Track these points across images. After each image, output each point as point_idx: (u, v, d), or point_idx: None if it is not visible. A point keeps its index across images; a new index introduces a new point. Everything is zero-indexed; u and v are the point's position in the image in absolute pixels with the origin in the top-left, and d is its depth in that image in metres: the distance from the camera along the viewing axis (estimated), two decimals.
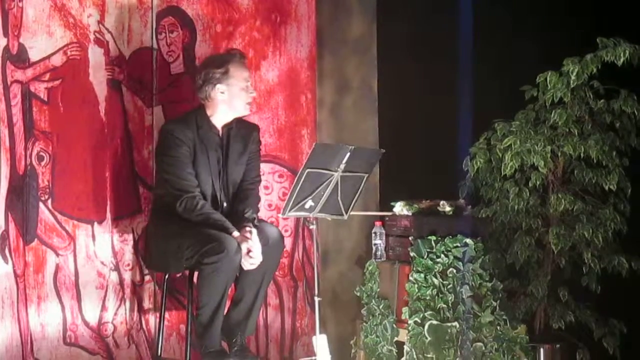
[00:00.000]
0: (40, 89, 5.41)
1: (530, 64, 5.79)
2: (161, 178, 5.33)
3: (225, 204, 5.33)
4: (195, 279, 5.19)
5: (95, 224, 5.51)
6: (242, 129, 5.44)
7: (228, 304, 5.23)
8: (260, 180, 5.50)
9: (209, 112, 5.34)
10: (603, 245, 5.56)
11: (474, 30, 6.12)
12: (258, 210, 5.40)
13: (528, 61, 5.98)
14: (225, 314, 5.21)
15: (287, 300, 6.01)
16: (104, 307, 5.52)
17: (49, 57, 5.43)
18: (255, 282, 5.22)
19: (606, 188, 5.58)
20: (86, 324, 5.48)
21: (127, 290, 5.58)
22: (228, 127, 5.37)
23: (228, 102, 5.32)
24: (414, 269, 5.50)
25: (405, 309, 5.50)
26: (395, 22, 6.38)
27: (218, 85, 5.30)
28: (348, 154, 5.00)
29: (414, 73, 6.31)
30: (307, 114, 6.11)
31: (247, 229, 5.12)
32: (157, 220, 5.37)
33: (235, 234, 5.09)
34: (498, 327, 5.46)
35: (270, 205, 5.97)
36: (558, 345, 5.71)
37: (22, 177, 5.36)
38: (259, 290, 5.24)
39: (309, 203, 5.05)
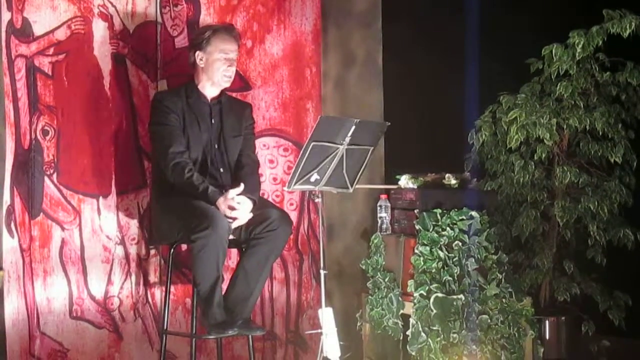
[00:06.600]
0: (44, 63, 5.40)
1: (536, 37, 5.77)
2: (152, 148, 5.33)
3: (222, 176, 5.32)
4: None
5: (101, 198, 5.51)
6: (235, 105, 5.46)
7: (227, 282, 5.22)
8: (258, 163, 5.49)
9: (196, 81, 5.37)
10: (608, 218, 5.56)
11: (479, 2, 6.09)
12: (258, 192, 5.38)
13: (533, 34, 5.96)
14: (224, 293, 5.20)
15: (293, 274, 6.01)
16: (109, 281, 5.53)
17: (53, 31, 5.42)
18: (260, 264, 5.19)
19: (612, 160, 5.59)
20: (92, 298, 5.49)
21: (133, 264, 5.59)
22: (218, 99, 5.38)
23: (206, 70, 5.33)
24: (420, 241, 5.50)
25: (410, 282, 5.50)
26: None
27: (198, 52, 5.33)
28: (353, 127, 4.99)
29: (419, 46, 6.30)
30: (311, 88, 6.09)
31: (232, 197, 5.08)
32: (154, 193, 5.41)
33: (221, 199, 5.06)
34: (503, 300, 5.47)
35: (275, 179, 5.97)
36: (563, 318, 5.74)
37: (28, 151, 5.36)
38: (261, 272, 5.21)
39: (314, 176, 5.04)
